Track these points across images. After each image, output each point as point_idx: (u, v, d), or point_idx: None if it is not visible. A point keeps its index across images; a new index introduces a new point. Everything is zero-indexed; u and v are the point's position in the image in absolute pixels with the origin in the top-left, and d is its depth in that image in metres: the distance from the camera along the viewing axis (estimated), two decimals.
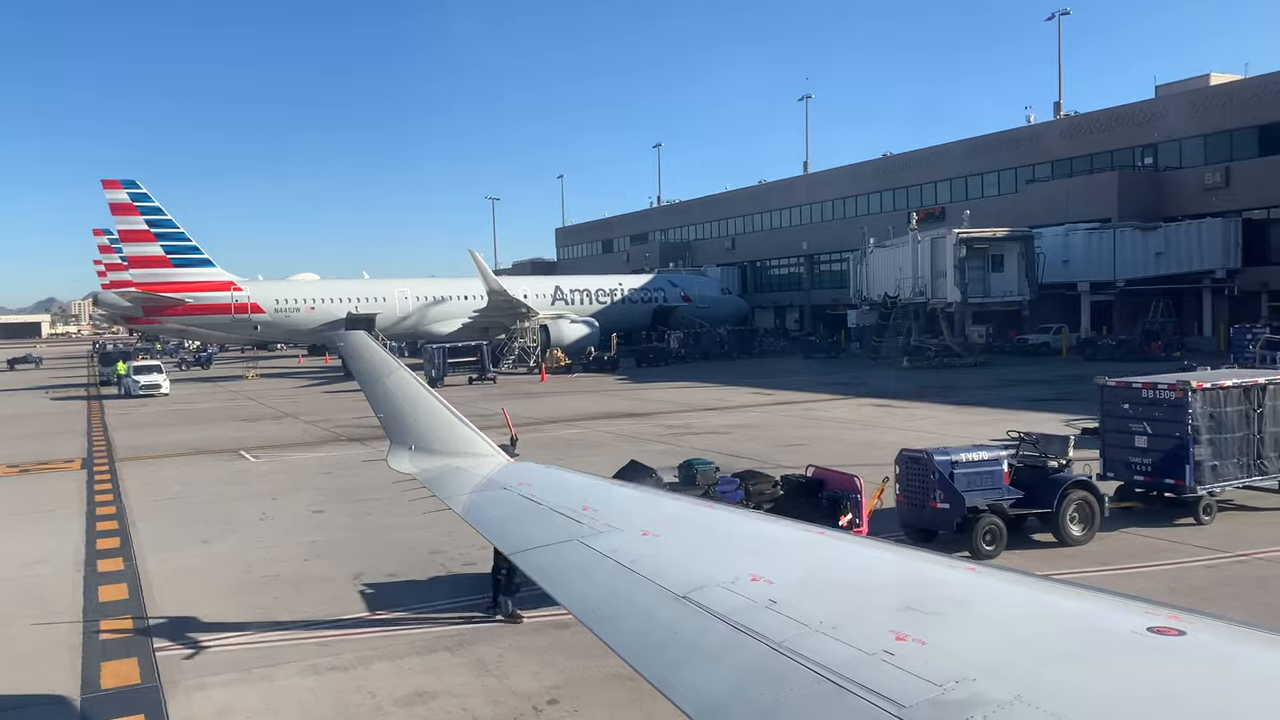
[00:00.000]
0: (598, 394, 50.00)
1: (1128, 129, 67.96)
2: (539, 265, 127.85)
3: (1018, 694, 3.05)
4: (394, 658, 13.10)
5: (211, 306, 68.95)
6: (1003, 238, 58.58)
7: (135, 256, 67.48)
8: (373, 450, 31.49)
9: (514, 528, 6.65)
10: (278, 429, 40.05)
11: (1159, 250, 61.52)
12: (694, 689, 3.70)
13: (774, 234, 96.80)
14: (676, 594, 4.48)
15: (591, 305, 78.64)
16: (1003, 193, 75.15)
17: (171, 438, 38.25)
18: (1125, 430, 19.50)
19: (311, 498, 24.59)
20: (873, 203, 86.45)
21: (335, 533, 20.68)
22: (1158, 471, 18.87)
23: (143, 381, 58.18)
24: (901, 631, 3.64)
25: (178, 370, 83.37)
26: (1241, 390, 18.93)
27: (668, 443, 31.80)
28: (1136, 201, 64.51)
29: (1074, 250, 62.66)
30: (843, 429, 33.79)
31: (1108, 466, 19.87)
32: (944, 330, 60.10)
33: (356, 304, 71.72)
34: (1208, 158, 63.62)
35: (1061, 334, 63.58)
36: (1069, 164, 71.25)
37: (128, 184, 66.98)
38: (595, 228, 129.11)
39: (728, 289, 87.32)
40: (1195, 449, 18.30)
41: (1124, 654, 3.34)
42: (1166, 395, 18.69)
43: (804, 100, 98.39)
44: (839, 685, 3.35)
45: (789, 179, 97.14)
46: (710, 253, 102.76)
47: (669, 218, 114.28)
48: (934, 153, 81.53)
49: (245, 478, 28.22)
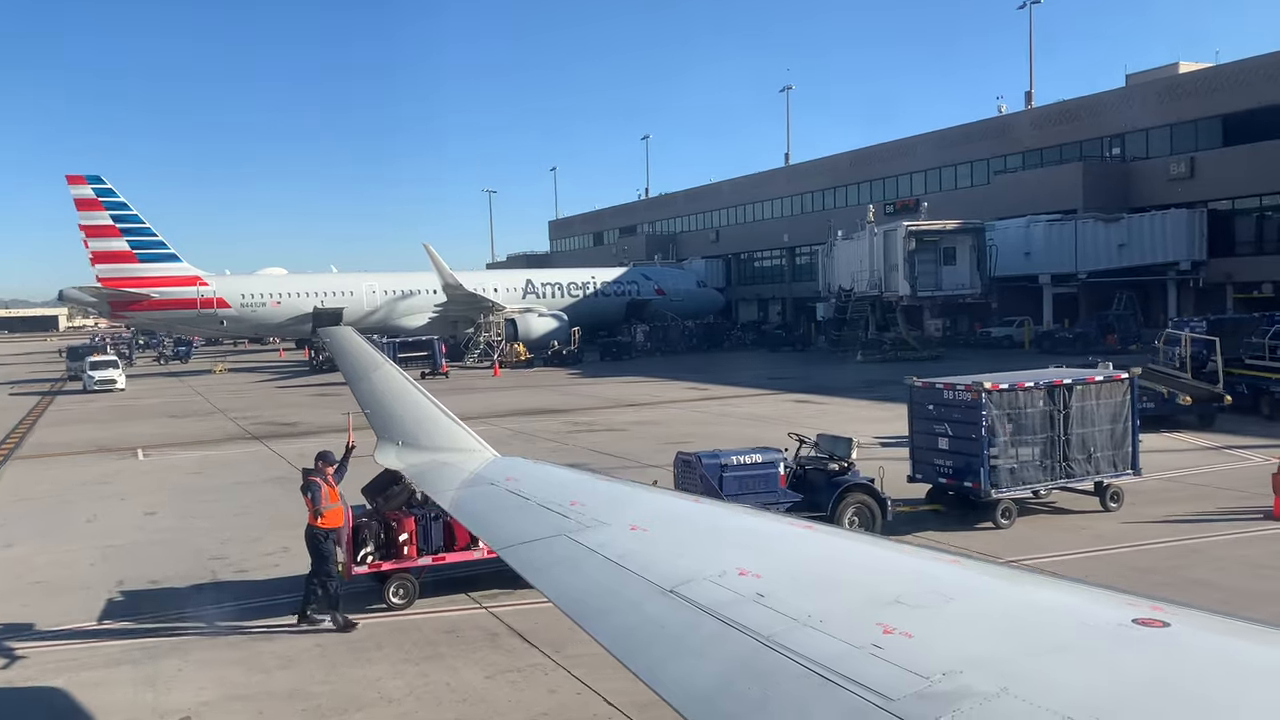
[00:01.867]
0: (537, 389, 49.79)
1: (1096, 119, 67.01)
2: (532, 258, 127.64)
3: (1004, 686, 3.05)
4: (79, 669, 12.92)
5: (177, 301, 69.24)
6: (954, 230, 57.92)
7: (100, 252, 67.72)
8: (251, 449, 31.41)
9: (501, 523, 6.62)
10: (197, 426, 40.07)
11: (1121, 242, 60.59)
12: (682, 683, 3.70)
13: (756, 226, 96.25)
14: (664, 588, 4.48)
15: (563, 299, 78.42)
16: (976, 184, 74.35)
17: (88, 435, 38.35)
18: (930, 432, 19.11)
19: (158, 499, 24.50)
20: (850, 195, 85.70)
21: (145, 535, 20.58)
22: (958, 474, 18.49)
23: (98, 377, 58.42)
24: (889, 625, 3.65)
25: (156, 364, 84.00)
26: (1045, 391, 18.46)
27: (558, 440, 31.60)
28: (1102, 193, 63.53)
29: (1035, 242, 61.86)
30: (741, 425, 33.40)
31: (916, 468, 19.51)
32: (900, 324, 59.47)
33: (323, 299, 71.79)
34: (1173, 148, 62.59)
35: (1025, 327, 62.78)
36: (1039, 154, 70.36)
37: (92, 179, 67.36)
38: (586, 220, 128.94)
39: (703, 282, 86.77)
40: (991, 451, 17.88)
41: (1109, 646, 3.33)
42: (963, 397, 18.27)
43: (785, 91, 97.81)
44: (827, 679, 3.35)
45: (769, 171, 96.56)
46: (696, 245, 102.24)
47: (656, 210, 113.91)
48: (907, 144, 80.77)
49: (117, 477, 28.18)
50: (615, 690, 11.41)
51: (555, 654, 12.69)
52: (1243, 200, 60.11)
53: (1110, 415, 18.94)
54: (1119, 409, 19.03)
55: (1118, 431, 19.01)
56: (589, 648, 12.98)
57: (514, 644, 13.21)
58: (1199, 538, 17.27)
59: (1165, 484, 21.56)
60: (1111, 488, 19.24)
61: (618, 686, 11.18)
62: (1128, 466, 19.18)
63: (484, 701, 11.40)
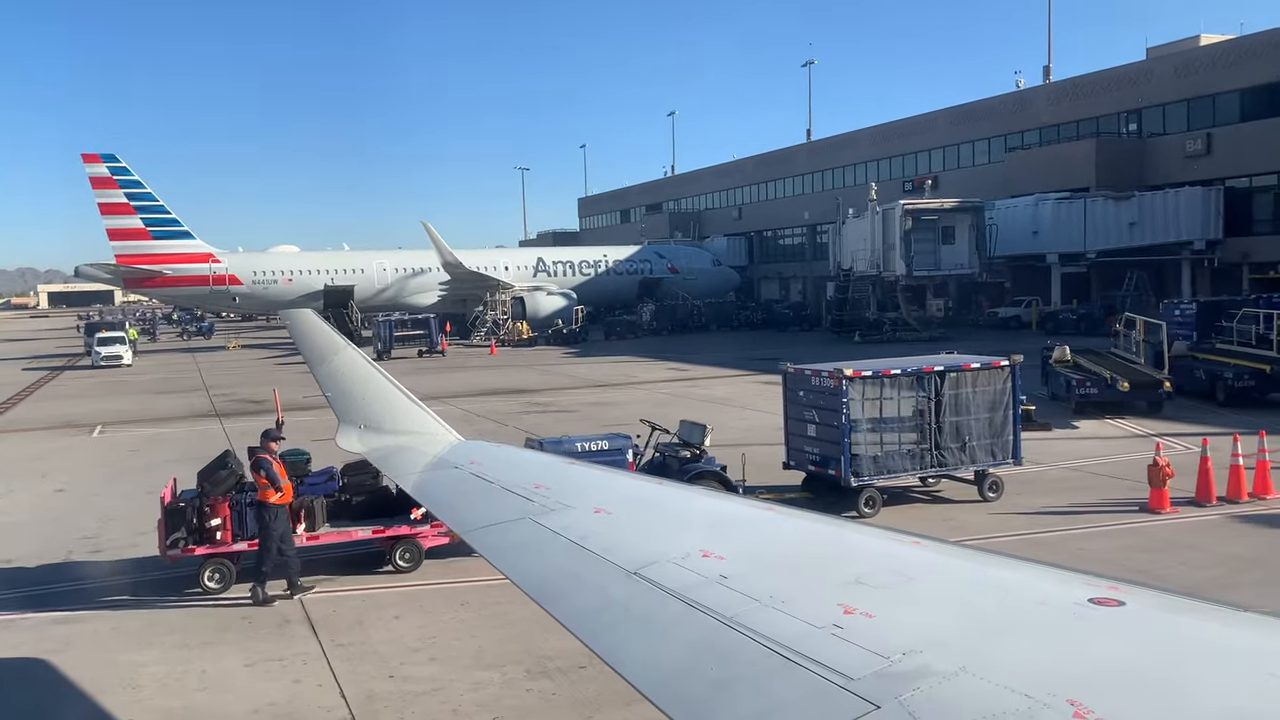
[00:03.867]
0: (522, 369, 49.74)
1: (1114, 94, 65.06)
2: (561, 236, 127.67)
3: (963, 665, 3.08)
4: None
5: (189, 278, 70.26)
6: (952, 209, 56.75)
7: (115, 229, 68.87)
8: (204, 427, 31.72)
9: (465, 506, 6.62)
10: (172, 402, 40.66)
11: (1133, 220, 58.89)
12: (645, 663, 3.74)
13: (778, 203, 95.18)
14: (628, 570, 4.50)
15: (575, 277, 78.29)
16: (993, 161, 72.75)
17: (65, 410, 39.07)
18: (800, 418, 18.71)
19: (77, 477, 24.84)
20: (870, 171, 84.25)
21: (36, 514, 20.87)
22: (823, 461, 18.09)
23: (104, 353, 59.56)
24: (850, 605, 3.68)
25: (180, 339, 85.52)
26: (914, 378, 17.96)
27: (500, 422, 31.53)
28: (1115, 170, 61.77)
29: (1043, 221, 60.30)
30: (691, 407, 32.99)
31: (790, 455, 19.14)
32: (901, 304, 58.52)
33: (333, 276, 72.34)
34: (1190, 123, 60.59)
35: (1033, 308, 61.45)
36: (1056, 130, 68.57)
37: (107, 158, 68.48)
38: (614, 197, 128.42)
39: (719, 260, 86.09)
40: (852, 438, 17.44)
41: (1066, 625, 3.39)
42: (827, 384, 17.83)
43: (807, 66, 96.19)
44: (788, 659, 3.38)
45: (790, 148, 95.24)
46: (719, 222, 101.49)
47: (681, 187, 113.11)
48: (926, 120, 79.20)
49: (55, 454, 28.63)
50: (360, 681, 11.36)
51: (329, 643, 12.64)
52: (1261, 178, 58.09)
53: (989, 404, 18.37)
54: (998, 397, 18.44)
55: (996, 420, 18.43)
56: (363, 635, 12.97)
57: (297, 632, 13.17)
58: (1059, 530, 16.78)
59: (1066, 474, 20.95)
60: (990, 477, 18.69)
61: (365, 681, 11.09)
62: (1008, 456, 18.58)
63: (224, 690, 11.37)
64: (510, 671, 11.48)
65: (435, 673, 11.57)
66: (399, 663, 11.90)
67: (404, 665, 11.82)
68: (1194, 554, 15.22)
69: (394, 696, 10.97)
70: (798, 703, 3.19)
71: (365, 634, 12.99)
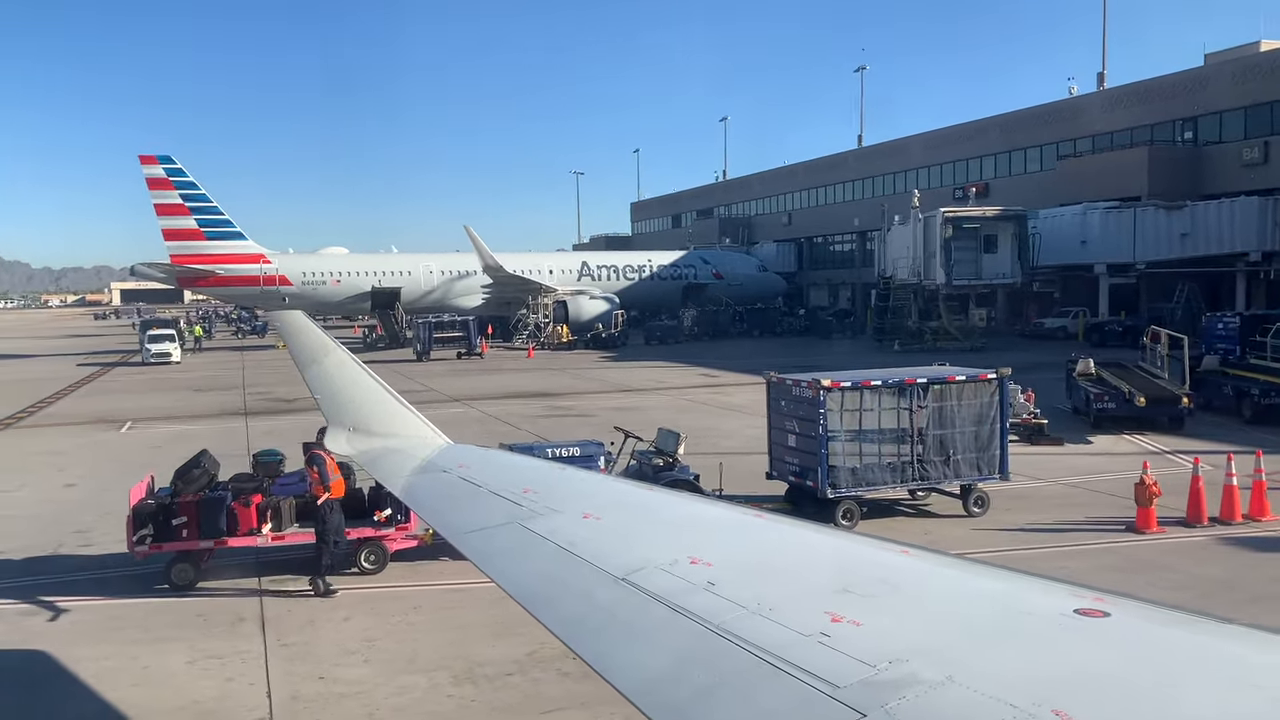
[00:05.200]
0: (556, 372, 49.93)
1: (1169, 101, 63.56)
2: (614, 240, 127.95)
3: (949, 674, 3.11)
4: None
5: (241, 279, 71.70)
6: (994, 217, 55.76)
7: (170, 229, 70.48)
8: (230, 425, 32.28)
9: (452, 510, 6.67)
10: (208, 400, 41.51)
11: (1184, 231, 57.31)
12: (631, 669, 3.75)
13: (828, 209, 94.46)
14: (615, 576, 4.52)
15: (619, 282, 78.44)
16: (1045, 169, 71.46)
17: (103, 406, 40.04)
18: (782, 428, 18.53)
19: (92, 472, 25.41)
20: (920, 178, 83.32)
21: (41, 507, 21.33)
22: (802, 472, 17.90)
23: (154, 350, 60.96)
24: (837, 613, 3.71)
25: (235, 337, 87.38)
26: (895, 390, 17.69)
27: (516, 426, 31.66)
28: (1169, 179, 60.28)
29: (1091, 230, 59.04)
30: (707, 414, 33.02)
31: (773, 465, 18.96)
32: (942, 312, 57.69)
33: (381, 278, 73.25)
34: (1248, 132, 58.99)
35: (1079, 318, 60.21)
36: (1110, 138, 67.16)
37: (163, 159, 70.11)
38: (665, 202, 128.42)
39: (764, 266, 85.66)
40: (830, 449, 17.23)
41: (1052, 635, 3.42)
42: (806, 394, 17.64)
43: (859, 71, 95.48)
44: (775, 666, 3.40)
45: (840, 154, 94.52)
46: (769, 228, 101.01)
47: (732, 193, 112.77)
48: (976, 127, 78.13)
49: (78, 450, 29.33)
50: (291, 682, 11.48)
51: (274, 643, 12.80)
52: None
53: (975, 417, 18.03)
54: (984, 410, 18.09)
55: (983, 434, 18.09)
56: (309, 635, 13.10)
57: (247, 630, 13.35)
58: (1039, 548, 16.39)
59: (1064, 490, 20.50)
60: (976, 492, 18.35)
61: (295, 682, 11.20)
62: (994, 471, 18.23)
63: (159, 686, 11.56)
64: (438, 677, 11.52)
65: (365, 675, 11.65)
66: (332, 664, 12.00)
67: (337, 667, 11.92)
68: (1168, 575, 14.80)
69: (317, 698, 11.07)
70: (784, 710, 3.19)
71: (312, 634, 13.13)
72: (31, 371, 58.99)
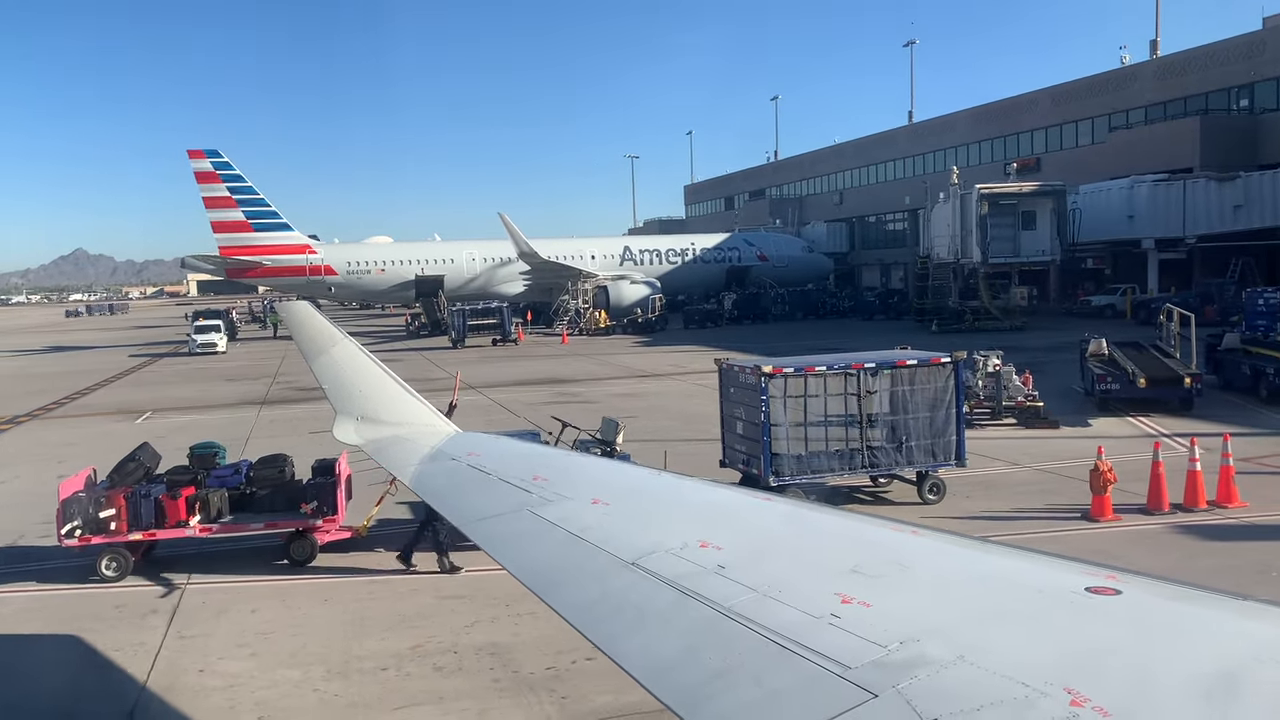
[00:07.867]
0: (584, 358, 49.85)
1: (1224, 68, 61.19)
2: (667, 224, 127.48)
3: (960, 654, 3.15)
4: None
5: (287, 269, 72.95)
6: (1031, 193, 54.22)
7: (218, 222, 71.92)
8: (244, 414, 32.75)
9: (463, 498, 6.78)
10: (235, 389, 42.26)
11: (1238, 203, 55.29)
12: (642, 653, 3.80)
13: (879, 188, 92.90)
14: (625, 561, 4.57)
15: (662, 266, 78.06)
16: (1096, 141, 69.37)
17: (135, 396, 41.03)
18: (732, 415, 18.17)
19: (89, 462, 25.51)
20: (971, 154, 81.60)
21: (25, 497, 21.86)
22: (749, 460, 17.52)
23: (200, 340, 62.28)
24: (847, 594, 3.75)
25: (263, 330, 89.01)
26: (841, 375, 17.21)
27: (517, 414, 31.63)
28: (1222, 149, 58.11)
29: (1139, 204, 57.13)
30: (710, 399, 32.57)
31: (725, 452, 18.60)
32: (981, 291, 56.35)
33: (424, 266, 73.87)
34: None
35: (1127, 295, 58.39)
36: (1163, 108, 64.91)
37: (210, 153, 71.47)
38: (718, 184, 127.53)
39: (811, 247, 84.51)
40: (772, 436, 16.84)
41: (1063, 613, 3.43)
42: (749, 380, 17.26)
43: (909, 46, 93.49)
44: (785, 648, 3.44)
45: (891, 130, 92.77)
46: (821, 208, 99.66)
47: (784, 173, 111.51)
48: (1028, 99, 76.04)
49: (89, 440, 30.01)
50: (173, 675, 11.54)
51: (174, 634, 12.90)
52: None
53: (929, 402, 17.49)
54: (939, 395, 17.54)
55: (938, 419, 17.53)
56: (212, 627, 13.16)
57: (155, 622, 13.48)
58: (988, 536, 15.80)
59: (1036, 475, 19.85)
60: (931, 479, 17.82)
61: (176, 675, 11.26)
62: (950, 457, 17.67)
63: (37, 679, 11.69)
64: (313, 671, 11.49)
65: (244, 669, 11.66)
66: (218, 657, 12.05)
67: (221, 660, 11.96)
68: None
69: (187, 691, 11.11)
70: (796, 692, 3.20)
71: (215, 626, 13.20)
72: (83, 364, 60.62)
